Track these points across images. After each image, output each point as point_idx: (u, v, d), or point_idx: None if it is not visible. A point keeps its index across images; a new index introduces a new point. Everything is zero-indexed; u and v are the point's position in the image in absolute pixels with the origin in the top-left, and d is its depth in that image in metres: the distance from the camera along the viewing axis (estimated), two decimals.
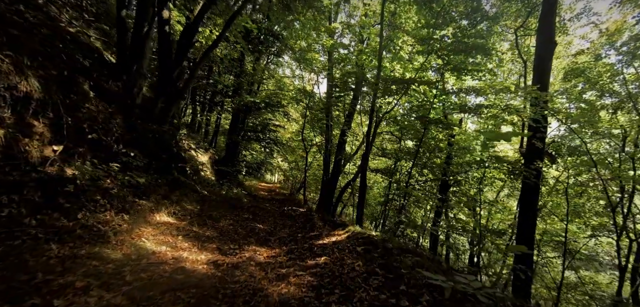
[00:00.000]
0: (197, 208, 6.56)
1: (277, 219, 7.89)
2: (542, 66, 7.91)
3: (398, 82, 8.68)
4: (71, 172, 4.51)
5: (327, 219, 8.13)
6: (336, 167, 13.26)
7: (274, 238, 5.67)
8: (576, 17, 9.94)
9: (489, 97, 9.09)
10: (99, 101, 6.22)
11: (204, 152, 10.51)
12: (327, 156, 13.31)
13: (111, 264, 3.10)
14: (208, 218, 6.03)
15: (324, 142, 13.04)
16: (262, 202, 10.91)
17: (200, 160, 9.91)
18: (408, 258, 3.51)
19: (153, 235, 4.30)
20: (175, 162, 7.38)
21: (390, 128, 11.99)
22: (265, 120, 14.88)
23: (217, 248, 4.36)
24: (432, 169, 10.33)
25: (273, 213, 8.74)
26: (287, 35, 13.33)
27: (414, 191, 9.87)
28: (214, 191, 8.96)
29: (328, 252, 4.39)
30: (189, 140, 9.93)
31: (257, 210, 8.70)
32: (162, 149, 7.34)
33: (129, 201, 4.92)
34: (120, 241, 3.75)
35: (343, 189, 13.61)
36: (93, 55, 7.22)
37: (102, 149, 5.52)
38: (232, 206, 8.09)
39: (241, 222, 6.51)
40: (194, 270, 3.40)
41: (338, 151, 12.72)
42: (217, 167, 11.18)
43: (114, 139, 6.05)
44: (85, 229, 3.69)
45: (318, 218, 8.46)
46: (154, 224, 4.78)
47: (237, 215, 7.20)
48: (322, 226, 6.80)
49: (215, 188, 9.45)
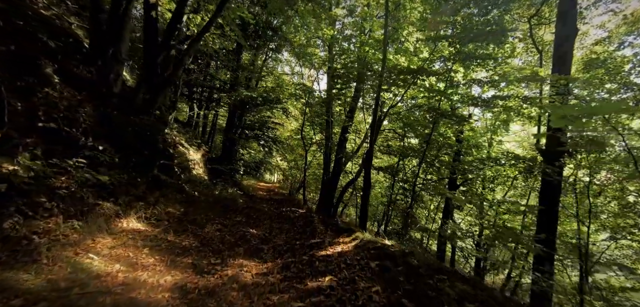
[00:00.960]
0: (180, 211, 5.47)
1: (273, 222, 6.81)
2: (563, 55, 6.87)
3: (405, 71, 7.62)
4: (10, 167, 3.43)
5: (328, 222, 7.05)
6: (337, 166, 12.19)
7: (268, 247, 4.59)
8: (593, 5, 8.93)
9: (503, 88, 8.07)
10: (64, 87, 5.13)
11: (196, 149, 9.45)
12: (327, 154, 12.23)
13: (19, 298, 2.02)
14: (191, 223, 4.94)
15: (324, 140, 11.98)
16: (259, 202, 9.83)
17: (191, 158, 8.84)
18: (446, 283, 2.44)
19: (109, 248, 3.22)
20: (159, 159, 6.30)
21: (393, 125, 10.94)
22: (263, 117, 13.81)
23: (192, 265, 3.28)
24: (438, 168, 9.28)
25: (269, 215, 7.66)
26: (286, 29, 12.30)
27: (422, 190, 8.82)
28: (206, 191, 7.87)
29: (334, 268, 3.31)
30: (180, 136, 8.86)
31: (252, 212, 7.61)
32: (143, 144, 6.26)
33: (88, 204, 3.85)
34: (55, 258, 2.66)
35: (344, 189, 12.53)
36: (66, 39, 6.15)
37: (61, 142, 4.43)
38: (225, 208, 7.00)
39: (231, 227, 5.43)
40: (149, 303, 2.32)
41: (339, 149, 11.65)
42: (211, 165, 10.09)
43: (81, 131, 4.96)
44: (7, 242, 2.62)
45: (318, 221, 7.40)
46: (116, 232, 3.70)
47: (228, 218, 6.11)
48: (324, 231, 5.73)
49: (208, 188, 8.37)
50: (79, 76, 5.60)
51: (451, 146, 9.21)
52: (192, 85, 11.69)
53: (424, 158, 8.03)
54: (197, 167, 9.04)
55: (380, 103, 8.62)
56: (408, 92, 8.57)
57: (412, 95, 9.73)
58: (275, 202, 11.11)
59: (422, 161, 8.02)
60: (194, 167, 8.75)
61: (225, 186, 9.40)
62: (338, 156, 11.92)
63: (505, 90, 7.95)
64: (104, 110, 5.70)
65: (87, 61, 5.88)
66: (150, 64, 6.90)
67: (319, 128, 12.63)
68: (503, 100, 7.50)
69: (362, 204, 8.48)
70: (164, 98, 7.33)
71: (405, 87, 7.97)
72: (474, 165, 8.44)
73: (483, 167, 8.23)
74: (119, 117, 5.98)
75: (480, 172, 8.46)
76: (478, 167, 8.26)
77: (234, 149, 12.40)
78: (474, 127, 9.22)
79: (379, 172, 13.29)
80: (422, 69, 7.68)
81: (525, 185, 8.75)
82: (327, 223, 6.71)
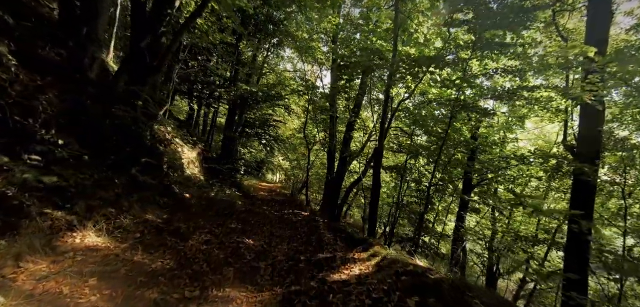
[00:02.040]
0: (163, 218, 4.41)
1: (274, 228, 5.76)
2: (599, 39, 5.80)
3: (419, 61, 6.55)
4: None
5: (335, 228, 5.98)
6: (341, 166, 11.13)
7: (266, 264, 3.52)
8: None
9: (528, 79, 6.99)
10: (21, 69, 4.08)
11: (192, 147, 8.41)
12: (331, 152, 11.17)
13: None
14: (172, 234, 3.88)
15: (328, 137, 10.92)
16: (259, 204, 8.77)
17: (186, 156, 7.79)
18: None
19: (37, 279, 2.16)
20: (143, 157, 5.24)
21: (400, 123, 9.83)
22: (264, 115, 12.76)
23: (155, 303, 2.22)
24: (452, 168, 8.18)
25: (270, 219, 6.60)
26: (288, 24, 11.25)
27: (436, 192, 7.74)
28: (200, 193, 6.82)
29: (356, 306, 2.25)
30: (173, 133, 7.81)
31: (251, 215, 6.55)
32: (125, 139, 5.21)
33: (28, 213, 2.81)
34: None
35: (349, 190, 11.45)
36: (36, 20, 5.10)
37: (8, 133, 3.39)
38: (219, 212, 5.94)
39: (223, 237, 4.36)
40: None
41: (344, 147, 10.59)
42: (209, 165, 9.04)
43: (41, 121, 3.91)
44: None
45: (324, 226, 6.34)
46: (61, 252, 2.64)
47: (222, 225, 5.04)
48: (333, 241, 4.67)
49: (203, 189, 7.31)
50: (44, 58, 4.56)
51: (466, 144, 8.15)
52: (191, 82, 10.65)
53: (440, 156, 6.95)
54: (192, 166, 7.98)
55: (390, 97, 7.56)
56: (419, 86, 7.50)
57: (422, 91, 8.65)
58: (277, 203, 10.05)
59: (437, 160, 6.95)
60: (188, 166, 7.70)
61: (222, 187, 8.34)
62: (343, 155, 10.86)
63: (530, 80, 6.88)
64: (76, 98, 4.65)
65: (57, 42, 4.85)
66: (136, 51, 5.85)
67: (322, 126, 11.58)
68: (529, 91, 6.44)
69: (371, 208, 7.40)
70: (153, 90, 6.29)
71: (418, 80, 6.91)
72: (494, 164, 7.34)
73: (505, 165, 7.14)
74: (95, 108, 4.93)
75: (501, 172, 7.37)
76: (500, 166, 7.17)
77: (233, 148, 11.35)
78: (492, 124, 8.14)
79: (385, 171, 12.23)
80: (438, 57, 6.62)
81: (547, 185, 7.67)
82: (335, 230, 5.64)
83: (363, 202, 15.13)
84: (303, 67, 12.55)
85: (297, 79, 13.08)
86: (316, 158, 14.87)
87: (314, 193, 16.41)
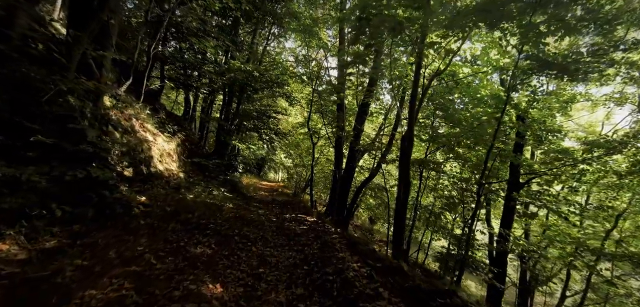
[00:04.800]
0: (47, 246, 2.18)
1: (267, 247, 3.53)
2: None
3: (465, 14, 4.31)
4: None
5: (363, 251, 3.71)
6: (351, 161, 8.88)
7: None
8: None
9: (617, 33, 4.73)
10: None
11: (169, 136, 6.17)
12: (339, 144, 8.92)
13: None
14: (36, 286, 1.65)
15: (336, 129, 8.67)
16: (255, 207, 6.52)
17: (159, 147, 5.57)
18: None
19: None
20: (75, 143, 3.02)
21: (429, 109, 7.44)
22: (263, 107, 10.54)
23: None
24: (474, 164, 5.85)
25: (265, 231, 4.36)
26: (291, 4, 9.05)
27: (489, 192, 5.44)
28: (168, 195, 4.58)
29: None
30: (140, 117, 5.55)
31: (238, 225, 4.30)
32: (31, 117, 3.00)
33: None
34: None
35: (359, 188, 9.18)
36: None
37: None
38: (188, 225, 3.69)
39: (157, 285, 2.12)
40: None
41: (355, 139, 8.35)
42: (192, 159, 6.80)
43: None
44: None
45: (340, 239, 4.10)
46: None
47: (176, 251, 2.80)
48: (360, 274, 2.44)
49: (177, 190, 5.08)
50: None
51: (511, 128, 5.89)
52: (186, 68, 8.43)
53: (492, 146, 4.68)
54: (167, 160, 5.74)
55: (422, 65, 5.28)
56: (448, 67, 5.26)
57: (450, 71, 6.36)
58: (278, 205, 7.81)
59: (489, 153, 4.66)
60: (161, 161, 5.45)
61: (209, 187, 6.11)
62: (353, 148, 8.61)
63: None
64: None
65: None
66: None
67: (329, 117, 9.33)
68: (626, 50, 4.19)
69: (397, 217, 5.12)
70: (101, 45, 4.02)
71: (465, 34, 4.67)
72: (559, 158, 5.05)
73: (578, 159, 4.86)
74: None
75: (565, 168, 5.10)
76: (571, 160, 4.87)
77: (229, 142, 9.12)
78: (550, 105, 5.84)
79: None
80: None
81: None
82: (362, 254, 3.36)
83: (371, 202, 12.90)
84: (307, 54, 10.30)
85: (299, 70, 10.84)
86: (320, 154, 12.62)
87: (318, 192, 14.13)
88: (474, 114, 6.41)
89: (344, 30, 8.63)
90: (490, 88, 6.83)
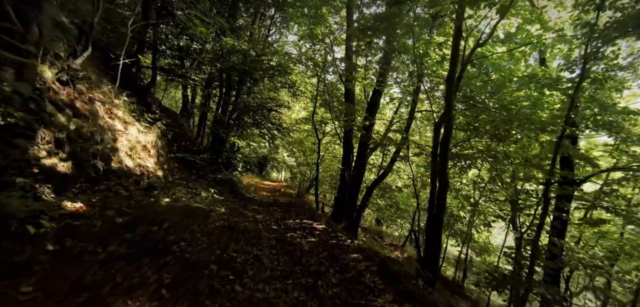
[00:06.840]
0: None
1: (261, 280, 2.22)
2: None
3: None
4: None
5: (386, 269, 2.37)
6: (361, 157, 7.53)
7: None
8: None
9: None
10: None
11: (147, 126, 4.85)
12: (348, 138, 7.59)
13: None
14: None
15: (344, 121, 7.31)
16: (253, 212, 5.18)
17: (130, 138, 4.26)
18: None
19: None
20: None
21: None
22: (263, 99, 9.22)
23: None
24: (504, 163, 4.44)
25: (262, 244, 3.04)
26: None
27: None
28: (126, 201, 3.27)
29: None
30: (114, 101, 4.24)
31: (226, 240, 2.98)
32: None
33: None
34: None
35: (370, 188, 7.83)
36: None
37: None
38: (144, 245, 2.38)
39: None
40: None
41: (366, 132, 7.00)
42: (177, 154, 5.47)
43: None
44: None
45: (367, 263, 2.77)
46: None
47: (93, 296, 1.48)
48: None
49: (148, 191, 3.76)
50: None
51: None
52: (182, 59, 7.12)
53: (563, 134, 3.33)
54: (141, 154, 4.41)
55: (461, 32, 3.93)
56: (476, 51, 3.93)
57: (479, 54, 5.00)
58: (279, 207, 6.47)
59: (560, 140, 3.31)
60: (131, 155, 4.13)
61: (195, 188, 4.78)
62: (363, 142, 7.25)
63: None
64: None
65: None
66: None
67: (336, 111, 7.96)
68: None
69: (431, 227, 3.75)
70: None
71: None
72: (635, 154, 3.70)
73: None
74: None
75: None
76: None
77: (226, 136, 7.80)
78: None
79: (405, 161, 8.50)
80: None
81: None
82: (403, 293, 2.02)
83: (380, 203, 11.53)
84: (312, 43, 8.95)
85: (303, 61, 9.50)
86: (326, 152, 11.27)
87: (322, 192, 12.77)
88: (513, 99, 5.07)
89: (352, 9, 7.32)
90: (530, 69, 5.51)
